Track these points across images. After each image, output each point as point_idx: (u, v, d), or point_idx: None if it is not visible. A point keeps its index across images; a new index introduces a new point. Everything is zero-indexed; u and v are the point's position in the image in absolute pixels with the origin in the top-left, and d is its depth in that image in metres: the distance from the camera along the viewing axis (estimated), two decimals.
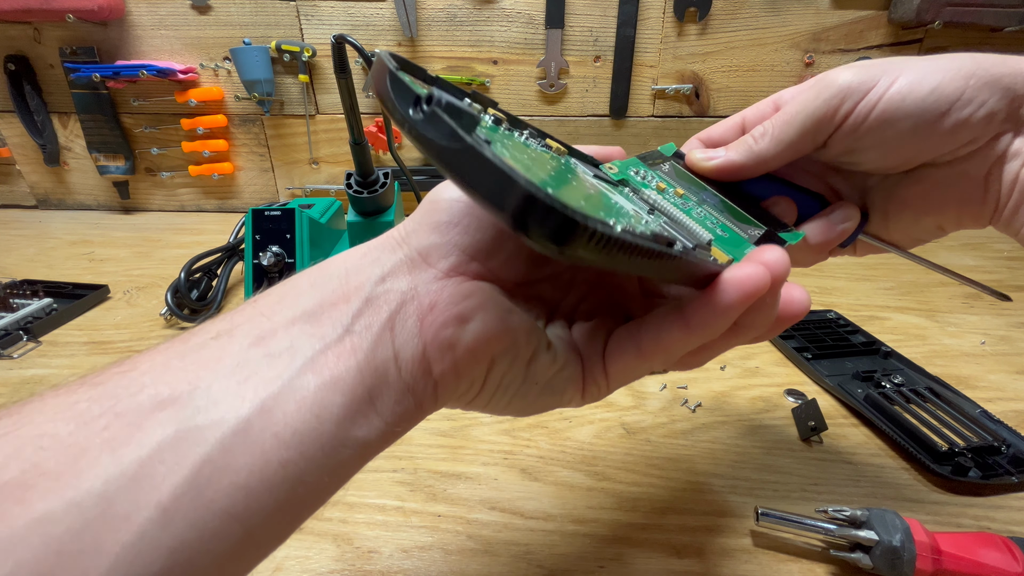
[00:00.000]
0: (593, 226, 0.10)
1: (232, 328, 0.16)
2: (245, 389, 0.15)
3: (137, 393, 0.14)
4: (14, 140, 0.82)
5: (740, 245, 0.22)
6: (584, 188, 0.19)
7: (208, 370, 0.15)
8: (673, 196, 0.23)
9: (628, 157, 0.24)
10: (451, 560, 0.27)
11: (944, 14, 0.66)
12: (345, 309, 0.17)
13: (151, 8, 0.73)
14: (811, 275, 0.63)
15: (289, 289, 0.18)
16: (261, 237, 0.48)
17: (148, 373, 0.15)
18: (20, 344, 0.47)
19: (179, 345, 0.16)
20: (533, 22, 0.72)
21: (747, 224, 0.23)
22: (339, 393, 0.16)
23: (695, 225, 0.22)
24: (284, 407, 0.15)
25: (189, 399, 0.14)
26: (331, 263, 0.19)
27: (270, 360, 0.16)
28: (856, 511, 0.27)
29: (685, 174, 0.25)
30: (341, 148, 0.80)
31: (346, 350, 0.16)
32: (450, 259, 0.18)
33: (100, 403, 0.14)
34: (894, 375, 0.41)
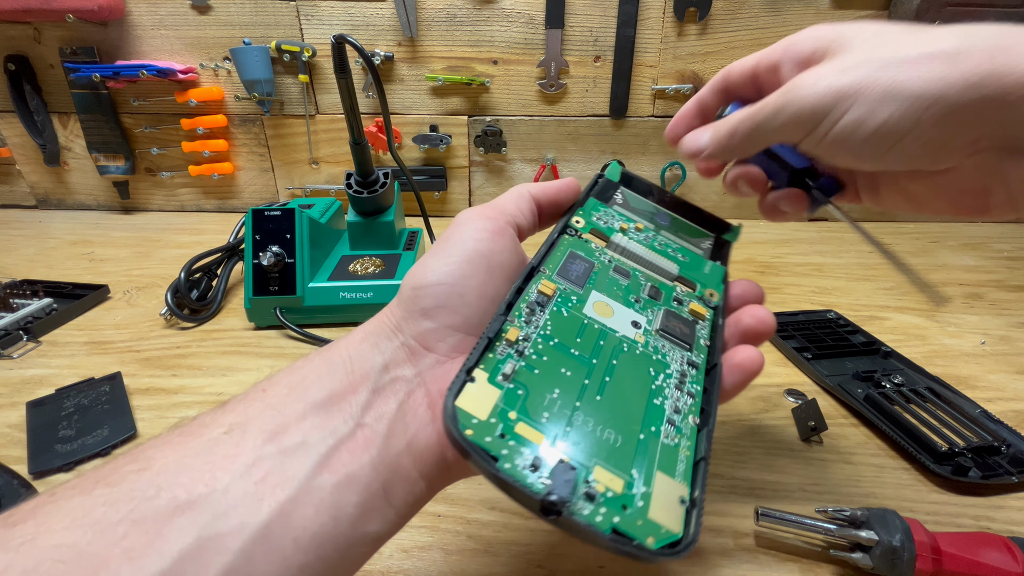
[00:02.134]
0: None
1: (245, 422, 0.16)
2: (263, 490, 0.15)
3: (154, 497, 0.14)
4: (14, 140, 0.82)
5: (699, 265, 0.26)
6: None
7: (223, 470, 0.15)
8: (635, 232, 0.26)
9: (619, 160, 0.26)
10: (451, 560, 0.27)
11: (944, 14, 0.66)
12: (354, 400, 0.17)
13: (151, 8, 0.73)
14: (811, 275, 0.63)
15: (297, 380, 0.18)
16: (261, 237, 0.48)
17: (163, 473, 0.15)
18: (20, 344, 0.47)
19: (191, 440, 0.16)
20: (533, 22, 0.72)
21: (698, 237, 0.28)
22: (354, 492, 0.16)
23: (661, 260, 0.25)
24: (303, 510, 0.15)
25: (207, 503, 0.14)
26: (333, 351, 0.19)
27: (284, 458, 0.15)
28: (856, 511, 0.27)
29: (635, 198, 0.28)
30: (341, 148, 0.80)
31: (359, 445, 0.16)
32: (448, 341, 0.19)
33: (117, 508, 0.14)
34: (894, 375, 0.41)
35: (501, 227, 0.21)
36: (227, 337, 0.49)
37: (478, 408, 0.16)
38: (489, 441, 0.15)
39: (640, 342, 0.21)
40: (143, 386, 0.41)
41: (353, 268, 0.52)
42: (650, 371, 0.20)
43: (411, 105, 0.78)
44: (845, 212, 0.25)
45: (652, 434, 0.18)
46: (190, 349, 0.47)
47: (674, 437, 0.18)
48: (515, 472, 0.15)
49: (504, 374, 0.17)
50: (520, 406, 0.17)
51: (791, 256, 0.69)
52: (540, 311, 0.20)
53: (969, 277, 0.62)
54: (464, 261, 0.20)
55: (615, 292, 0.23)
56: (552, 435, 0.16)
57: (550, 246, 0.23)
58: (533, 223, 0.25)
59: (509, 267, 0.21)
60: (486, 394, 0.16)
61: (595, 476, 0.16)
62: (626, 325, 0.21)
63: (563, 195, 0.25)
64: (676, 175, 0.80)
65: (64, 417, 0.37)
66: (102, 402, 0.38)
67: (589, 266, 0.23)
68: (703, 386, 0.20)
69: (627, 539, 0.15)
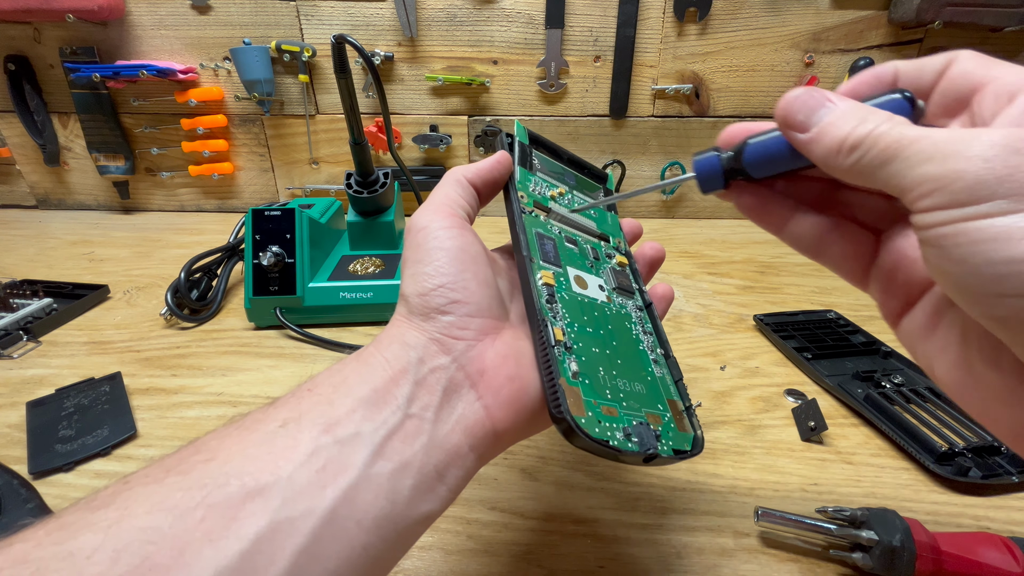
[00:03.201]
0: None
1: (299, 416, 0.17)
2: (324, 478, 0.16)
3: (225, 484, 0.15)
4: (14, 140, 0.82)
5: (604, 217, 0.30)
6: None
7: (285, 459, 0.16)
8: (560, 198, 0.28)
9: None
10: (451, 560, 0.27)
11: (944, 14, 0.66)
12: (398, 393, 0.18)
13: (151, 8, 0.73)
14: (811, 275, 0.63)
15: (339, 380, 0.19)
16: (261, 237, 0.48)
17: (229, 462, 0.16)
18: (20, 344, 0.47)
19: (248, 434, 0.17)
20: (533, 22, 0.72)
21: (594, 190, 0.32)
22: (409, 476, 0.17)
23: (585, 220, 0.29)
24: (363, 496, 0.16)
25: (276, 489, 0.15)
26: (367, 354, 0.20)
27: (341, 447, 0.16)
28: (856, 511, 0.27)
29: (545, 160, 0.30)
30: (341, 148, 0.80)
31: (409, 433, 0.18)
32: (471, 327, 0.20)
33: (192, 494, 0.15)
34: (894, 375, 0.41)
35: (460, 221, 0.23)
36: (227, 337, 0.49)
37: (578, 409, 0.19)
38: (598, 432, 0.19)
39: (610, 303, 0.25)
40: (143, 386, 0.41)
41: (353, 268, 0.52)
42: (626, 325, 0.25)
43: (411, 105, 0.78)
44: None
45: (652, 374, 0.23)
46: (190, 349, 0.47)
47: (659, 370, 0.24)
48: (623, 445, 0.19)
49: (574, 372, 0.20)
50: (595, 392, 0.20)
51: (791, 256, 0.69)
52: (554, 303, 0.22)
53: None
54: (452, 260, 0.21)
55: (578, 263, 0.26)
56: (618, 404, 0.21)
57: (524, 231, 0.24)
58: (476, 207, 0.26)
59: (482, 252, 0.23)
60: (575, 396, 0.19)
61: (649, 420, 0.21)
62: (597, 291, 0.25)
63: (497, 172, 0.26)
64: (676, 175, 0.80)
65: (64, 417, 0.37)
66: (102, 402, 0.38)
67: (552, 242, 0.25)
68: (651, 322, 0.26)
69: (680, 452, 0.21)
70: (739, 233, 0.77)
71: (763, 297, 0.57)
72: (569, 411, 0.18)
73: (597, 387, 0.21)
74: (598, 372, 0.21)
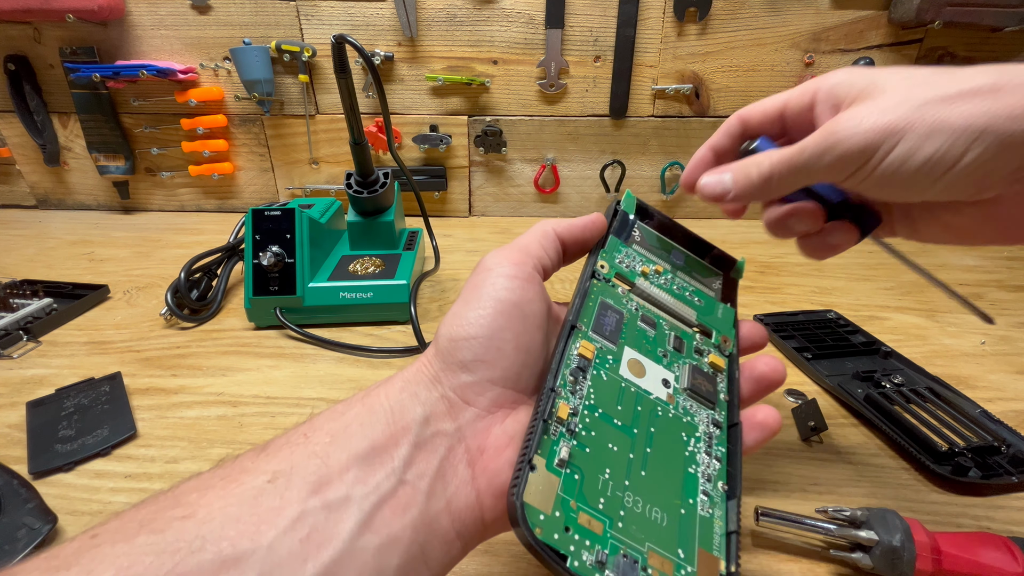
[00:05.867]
0: None
1: (289, 471, 0.16)
2: (307, 549, 0.15)
3: (199, 550, 0.14)
4: (14, 140, 0.82)
5: (713, 308, 0.27)
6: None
7: (268, 524, 0.15)
8: (655, 276, 0.26)
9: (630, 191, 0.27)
10: None
11: (944, 14, 0.66)
12: (396, 454, 0.17)
13: (151, 8, 0.73)
14: (811, 275, 0.63)
15: (339, 427, 0.18)
16: (261, 237, 0.48)
17: (207, 523, 0.15)
18: (20, 344, 0.47)
19: (233, 486, 0.16)
20: (533, 22, 0.72)
21: (709, 276, 0.28)
22: (395, 555, 0.16)
23: (681, 306, 0.26)
24: (345, 572, 0.15)
25: (253, 560, 0.14)
26: (374, 398, 0.19)
27: (328, 514, 0.15)
28: (856, 511, 0.27)
29: (650, 233, 0.28)
30: (341, 148, 0.80)
31: (400, 504, 0.16)
32: (487, 395, 0.19)
33: (162, 560, 0.14)
34: (894, 375, 0.41)
35: (529, 273, 0.21)
36: (227, 337, 0.49)
37: (542, 501, 0.16)
38: (557, 539, 0.16)
39: (671, 404, 0.21)
40: (143, 386, 0.41)
41: (353, 268, 0.52)
42: (682, 435, 0.20)
43: (411, 105, 0.78)
44: (886, 242, 0.28)
45: (691, 507, 0.18)
46: (190, 349, 0.47)
47: (708, 508, 0.19)
48: (584, 571, 0.15)
49: (561, 459, 0.17)
50: (578, 492, 0.17)
51: (791, 256, 0.69)
52: (583, 378, 0.20)
53: (969, 277, 0.62)
54: (498, 313, 0.20)
55: (644, 346, 0.23)
56: (608, 521, 0.17)
57: (583, 296, 0.22)
58: (557, 263, 0.24)
59: (539, 314, 0.21)
60: (547, 484, 0.16)
61: (650, 562, 0.16)
62: (657, 384, 0.21)
63: (588, 233, 0.25)
64: (676, 175, 0.80)
65: (64, 417, 0.37)
66: (102, 402, 0.38)
67: (620, 317, 0.23)
68: (726, 447, 0.21)
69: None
70: (739, 233, 0.77)
71: (763, 297, 0.57)
72: (521, 495, 0.16)
73: (589, 489, 0.17)
74: (601, 474, 0.17)
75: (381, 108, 0.50)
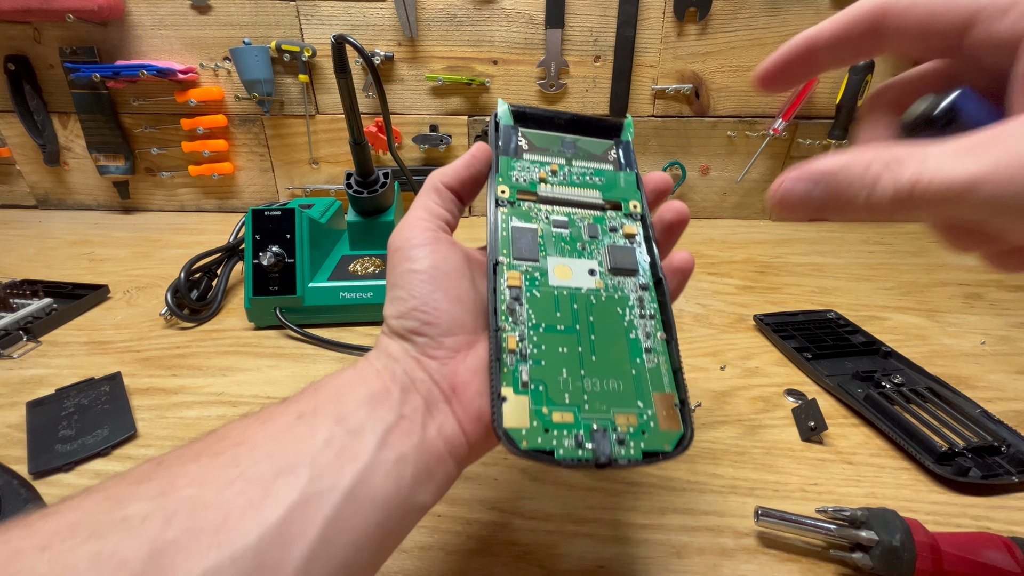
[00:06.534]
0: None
1: (314, 409, 0.19)
2: (342, 460, 0.18)
3: (257, 462, 0.17)
4: (14, 140, 0.81)
5: (615, 181, 0.27)
6: None
7: (306, 444, 0.18)
8: (553, 176, 0.26)
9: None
10: (451, 560, 0.27)
11: None
12: (391, 398, 0.20)
13: (151, 8, 0.73)
14: (811, 275, 0.63)
15: (342, 382, 0.21)
16: (261, 237, 0.48)
17: (259, 446, 0.18)
18: (20, 344, 0.47)
19: (268, 424, 0.19)
20: (533, 22, 0.72)
21: (603, 150, 0.28)
22: (408, 467, 0.19)
23: (585, 192, 0.26)
24: (374, 478, 0.18)
25: (302, 468, 0.17)
26: (361, 365, 0.22)
27: (352, 437, 0.18)
28: (856, 511, 0.27)
29: (537, 135, 0.27)
30: (341, 148, 0.80)
31: (403, 432, 0.19)
32: (443, 347, 0.22)
33: (228, 471, 0.16)
34: (894, 375, 0.41)
35: (432, 236, 0.23)
36: (227, 337, 0.49)
37: (520, 419, 0.19)
38: (541, 441, 0.19)
39: (600, 288, 0.23)
40: (143, 386, 0.41)
41: (353, 268, 0.52)
42: (618, 311, 0.23)
43: (411, 105, 0.78)
44: None
45: (639, 365, 0.21)
46: (190, 349, 0.47)
47: (653, 359, 0.22)
48: (569, 455, 0.18)
49: (523, 382, 0.20)
50: (547, 399, 0.20)
51: (791, 256, 0.69)
52: (520, 304, 0.22)
53: (969, 277, 0.62)
54: (421, 283, 0.22)
55: (564, 248, 0.24)
56: (576, 408, 0.20)
57: (494, 228, 0.24)
58: (458, 210, 0.26)
59: (458, 267, 0.23)
60: (519, 405, 0.19)
61: (617, 423, 0.20)
62: (585, 277, 0.23)
63: (475, 168, 0.25)
64: (676, 175, 0.80)
65: (64, 417, 0.37)
66: (102, 402, 0.38)
67: (533, 233, 0.24)
68: (657, 300, 0.23)
69: (654, 455, 0.19)
70: (739, 233, 0.77)
71: (763, 297, 0.57)
72: (501, 424, 0.19)
73: (554, 392, 0.20)
74: (559, 376, 0.20)
75: (381, 108, 0.50)
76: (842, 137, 0.74)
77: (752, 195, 0.82)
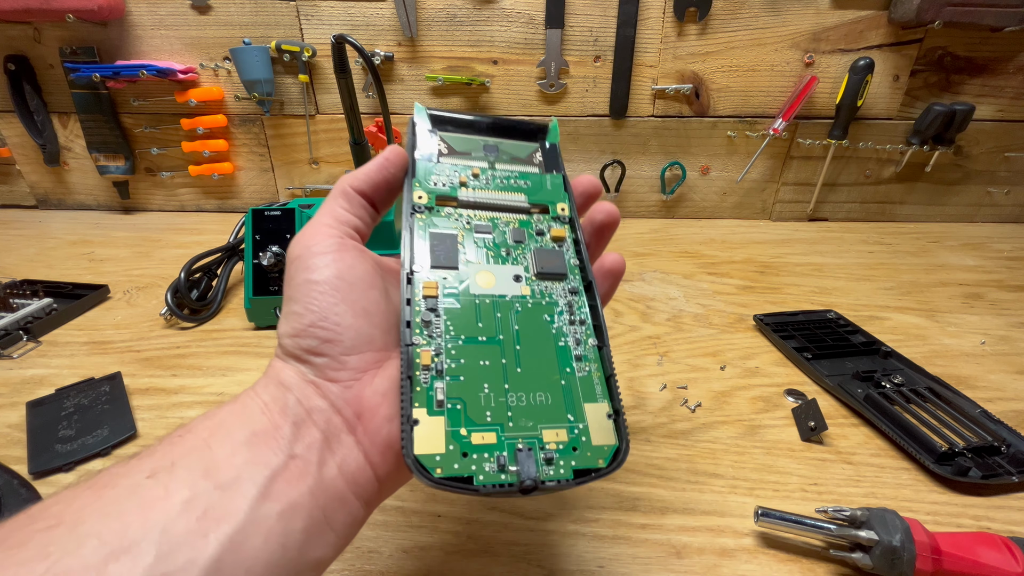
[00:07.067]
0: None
1: (171, 465, 0.15)
2: (206, 525, 0.14)
3: (76, 549, 0.13)
4: (14, 140, 0.81)
5: (541, 184, 0.25)
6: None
7: (157, 511, 0.14)
8: (474, 180, 0.24)
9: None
10: (451, 560, 0.27)
11: (944, 14, 0.66)
12: (279, 435, 0.17)
13: (151, 8, 0.73)
14: (811, 275, 0.63)
15: (215, 424, 0.17)
16: (261, 237, 0.48)
17: (80, 525, 0.13)
18: (20, 344, 0.47)
19: (106, 491, 0.15)
20: (533, 22, 0.72)
21: (528, 153, 0.27)
22: (299, 519, 0.16)
23: (509, 196, 0.24)
24: (252, 541, 0.14)
25: (146, 544, 0.13)
26: (243, 399, 0.19)
27: (223, 492, 0.15)
28: (856, 511, 0.27)
29: (457, 139, 0.26)
30: (341, 148, 0.80)
31: (294, 475, 0.16)
32: (347, 368, 0.19)
33: (31, 567, 0.12)
34: (894, 375, 0.41)
35: (337, 243, 0.21)
36: (227, 337, 0.49)
37: (434, 444, 0.17)
38: (458, 468, 0.17)
39: (527, 294, 0.22)
40: (143, 386, 0.41)
41: None
42: (545, 318, 0.21)
43: (411, 105, 0.77)
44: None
45: (568, 375, 0.20)
46: (190, 349, 0.47)
47: (585, 367, 0.20)
48: (491, 480, 0.17)
49: (438, 401, 0.18)
50: (465, 419, 0.18)
51: (791, 256, 0.69)
52: (436, 315, 0.20)
53: (969, 277, 0.62)
54: (321, 294, 0.19)
55: (487, 254, 0.23)
56: (499, 427, 0.18)
57: (410, 236, 0.22)
58: (370, 218, 0.23)
59: (365, 276, 0.20)
60: (434, 427, 0.17)
61: (545, 440, 0.18)
62: (510, 284, 0.22)
63: (389, 172, 0.23)
64: (676, 175, 0.80)
65: (64, 417, 0.37)
66: (102, 402, 0.38)
67: (453, 239, 0.22)
68: (588, 305, 0.22)
69: (586, 472, 0.18)
70: (739, 233, 0.77)
71: (763, 297, 0.57)
72: (411, 452, 0.17)
73: (474, 411, 0.18)
74: (480, 391, 0.19)
75: (381, 108, 0.50)
76: (842, 137, 0.74)
77: (752, 195, 0.82)
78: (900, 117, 0.76)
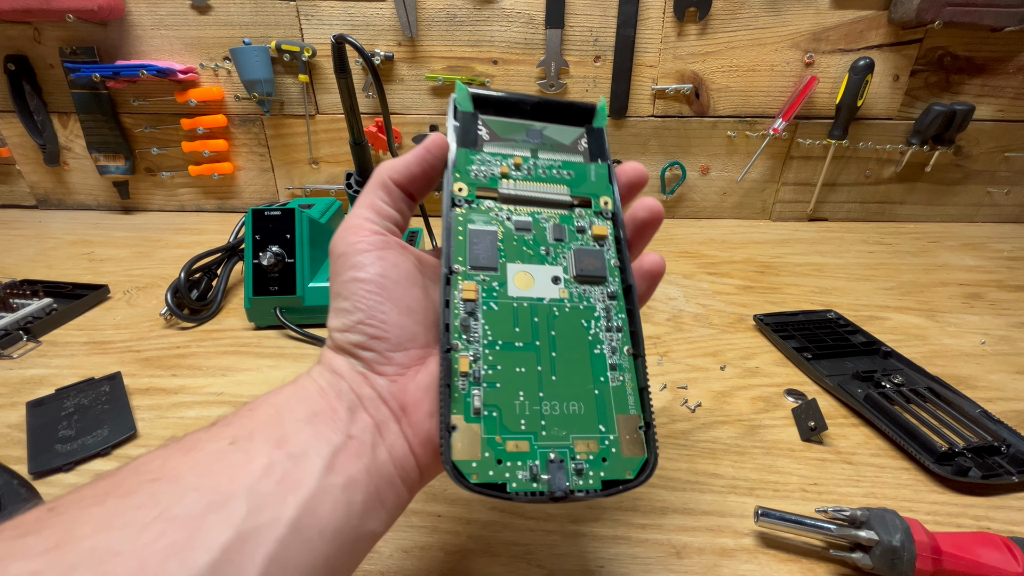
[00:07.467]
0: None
1: (249, 434, 0.17)
2: (284, 489, 0.16)
3: (181, 498, 0.14)
4: (14, 140, 0.81)
5: (585, 174, 0.24)
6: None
7: (242, 472, 0.16)
8: (516, 171, 0.24)
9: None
10: (451, 560, 0.27)
11: (944, 14, 0.66)
12: (336, 417, 0.18)
13: (151, 8, 0.73)
14: (811, 275, 0.63)
15: (280, 401, 0.19)
16: (261, 237, 0.48)
17: (180, 480, 0.15)
18: (20, 344, 0.47)
19: (194, 453, 0.16)
20: (533, 22, 0.72)
21: (573, 139, 0.25)
22: (358, 492, 0.17)
23: (552, 188, 0.24)
24: (322, 507, 0.16)
25: (238, 500, 0.15)
26: (301, 382, 0.20)
27: (295, 462, 0.16)
28: (856, 511, 0.27)
29: (499, 123, 0.25)
30: (341, 148, 0.80)
31: (352, 453, 0.18)
32: (392, 362, 0.20)
33: (144, 511, 0.14)
34: (894, 375, 0.41)
35: (380, 241, 0.21)
36: (227, 337, 0.49)
37: (471, 451, 0.18)
38: (492, 475, 0.17)
39: (565, 298, 0.21)
40: (143, 386, 0.41)
41: None
42: (582, 323, 0.21)
43: (411, 105, 0.78)
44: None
45: (603, 384, 0.20)
46: (190, 349, 0.47)
47: (619, 376, 0.20)
48: (523, 488, 0.17)
49: (475, 408, 0.18)
50: (500, 427, 0.18)
51: (791, 256, 0.69)
52: (475, 319, 0.20)
53: (969, 277, 0.62)
54: (367, 293, 0.20)
55: (526, 254, 0.22)
56: (533, 436, 0.18)
57: (449, 233, 0.21)
58: (408, 209, 0.23)
59: (408, 274, 0.21)
60: (470, 435, 0.18)
61: (576, 451, 0.18)
62: (548, 286, 0.21)
63: (429, 162, 0.23)
64: (676, 175, 0.80)
65: (64, 417, 0.37)
66: (102, 402, 0.38)
67: (493, 236, 0.22)
68: (626, 310, 0.22)
69: (615, 484, 0.18)
70: (739, 233, 0.77)
71: (763, 297, 0.57)
72: (450, 457, 0.17)
73: (509, 419, 0.18)
74: (515, 399, 0.19)
75: (381, 108, 0.50)
76: (842, 137, 0.74)
77: (752, 195, 0.82)
78: (900, 117, 0.76)
